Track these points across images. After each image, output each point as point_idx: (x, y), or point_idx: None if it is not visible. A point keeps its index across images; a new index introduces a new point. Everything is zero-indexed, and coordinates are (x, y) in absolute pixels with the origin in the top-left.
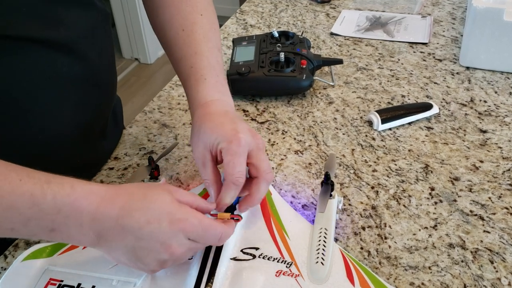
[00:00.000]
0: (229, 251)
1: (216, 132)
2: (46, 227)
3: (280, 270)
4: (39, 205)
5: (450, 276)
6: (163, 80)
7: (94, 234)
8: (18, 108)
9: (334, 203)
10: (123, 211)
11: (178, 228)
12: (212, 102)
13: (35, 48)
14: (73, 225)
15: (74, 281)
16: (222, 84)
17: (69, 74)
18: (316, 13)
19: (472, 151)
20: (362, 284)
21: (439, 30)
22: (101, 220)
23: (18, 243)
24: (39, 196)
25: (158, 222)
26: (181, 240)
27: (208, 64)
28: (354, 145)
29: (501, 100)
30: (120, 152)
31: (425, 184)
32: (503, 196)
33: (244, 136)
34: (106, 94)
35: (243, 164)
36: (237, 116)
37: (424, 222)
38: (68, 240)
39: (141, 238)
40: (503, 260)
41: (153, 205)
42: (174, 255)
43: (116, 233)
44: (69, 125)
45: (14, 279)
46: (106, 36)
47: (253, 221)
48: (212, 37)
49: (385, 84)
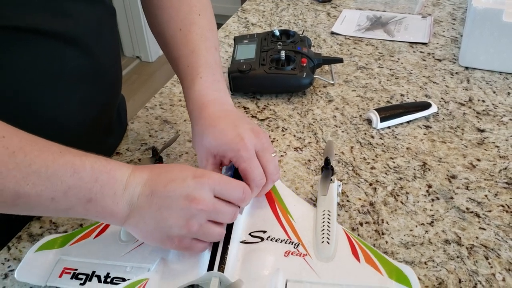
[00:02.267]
0: (238, 235)
1: (220, 140)
2: (83, 197)
3: (288, 250)
4: (79, 173)
5: (445, 271)
6: (164, 78)
7: (127, 202)
8: (25, 100)
9: (335, 187)
10: (150, 176)
11: (202, 180)
12: (210, 103)
13: (43, 40)
14: (108, 194)
15: (88, 269)
16: (219, 82)
17: (76, 69)
18: (317, 12)
19: (469, 149)
20: (367, 260)
21: (439, 30)
22: (131, 186)
23: (21, 235)
24: (79, 165)
25: (182, 178)
26: (205, 193)
27: (205, 63)
28: (353, 142)
29: (499, 100)
30: (122, 147)
31: (423, 182)
32: (499, 194)
33: (250, 140)
34: (111, 90)
35: (259, 166)
36: (237, 116)
37: (421, 219)
38: (103, 212)
39: (166, 195)
40: (498, 256)
41: (176, 168)
42: (199, 209)
43: (144, 199)
44: (75, 120)
45: (29, 270)
46: (112, 32)
47: (259, 207)
48: (210, 36)
49: (384, 83)
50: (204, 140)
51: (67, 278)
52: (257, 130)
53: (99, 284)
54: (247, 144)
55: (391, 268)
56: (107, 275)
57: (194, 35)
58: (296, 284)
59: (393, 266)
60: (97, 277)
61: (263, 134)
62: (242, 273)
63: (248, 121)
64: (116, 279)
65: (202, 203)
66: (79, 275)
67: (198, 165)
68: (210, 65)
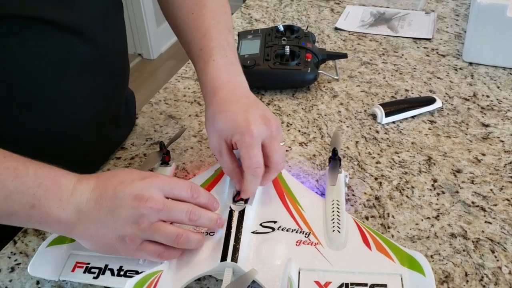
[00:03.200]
0: (249, 225)
1: (229, 123)
2: (26, 203)
3: (299, 239)
4: (21, 178)
5: (451, 265)
6: (165, 75)
7: (74, 208)
8: (30, 90)
9: (342, 177)
10: (97, 183)
11: (149, 181)
12: (223, 86)
13: (48, 29)
14: (52, 199)
15: (100, 263)
16: (232, 63)
17: (81, 59)
18: (321, 8)
19: (474, 144)
20: (378, 248)
21: (442, 26)
22: (78, 193)
23: (27, 229)
24: (21, 170)
25: (130, 180)
26: (154, 192)
27: (218, 45)
28: (358, 137)
29: (504, 95)
30: (127, 142)
31: (428, 176)
32: (504, 188)
33: (257, 127)
34: (118, 82)
35: (258, 155)
36: (249, 101)
37: (427, 213)
38: (47, 219)
39: (115, 196)
40: (504, 249)
41: (123, 172)
42: (149, 207)
43: (93, 204)
44: (81, 111)
45: (41, 264)
46: (119, 23)
47: (268, 198)
48: (222, 19)
49: (389, 79)
50: (215, 124)
51: (80, 272)
52: (268, 116)
53: (113, 277)
54: (252, 130)
55: (403, 255)
56: (120, 268)
57: (206, 18)
58: (309, 273)
59: (405, 253)
60: (110, 270)
61: (274, 121)
62: (255, 263)
63: (260, 107)
64: (129, 272)
65: (151, 201)
66: (91, 269)
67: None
68: (223, 47)
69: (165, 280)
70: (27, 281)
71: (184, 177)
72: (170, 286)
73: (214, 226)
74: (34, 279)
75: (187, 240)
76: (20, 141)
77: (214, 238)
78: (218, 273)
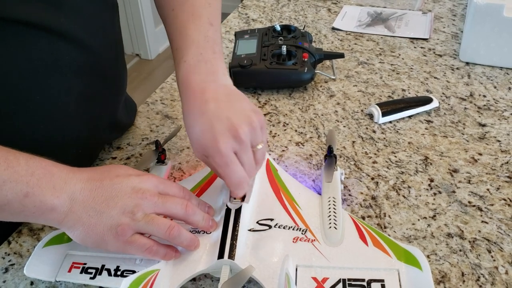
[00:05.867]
0: (246, 223)
1: (198, 143)
2: (20, 191)
3: (296, 236)
4: (14, 167)
5: (448, 265)
6: (163, 75)
7: (68, 196)
8: (20, 94)
9: (338, 175)
10: (92, 174)
11: (145, 177)
12: (193, 92)
13: (34, 33)
14: (46, 187)
15: (97, 263)
16: (207, 61)
17: (71, 63)
18: (318, 8)
19: (471, 144)
20: (375, 243)
21: (439, 26)
22: (73, 181)
23: (22, 230)
24: (12, 160)
25: (127, 174)
26: (150, 186)
27: (191, 43)
28: (354, 137)
29: (500, 95)
30: (123, 142)
31: (425, 176)
32: (501, 188)
33: (224, 145)
34: (113, 87)
35: (235, 170)
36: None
37: (423, 213)
38: (41, 207)
39: (113, 187)
40: (500, 249)
41: (118, 167)
42: (145, 197)
43: (87, 193)
44: (74, 116)
45: (37, 265)
46: (113, 27)
47: (264, 196)
48: (204, 12)
49: (385, 78)
50: (189, 139)
51: (77, 272)
52: (237, 124)
53: (109, 277)
54: (221, 149)
55: (399, 250)
56: (117, 268)
57: (184, 14)
58: (306, 269)
59: (401, 249)
60: (107, 270)
61: (242, 131)
62: (252, 260)
63: (226, 115)
64: (126, 272)
65: (147, 193)
66: (88, 269)
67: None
68: (198, 44)
69: (162, 278)
70: (21, 282)
71: (180, 177)
72: (167, 285)
73: (207, 225)
74: (28, 280)
75: (178, 234)
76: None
77: (211, 237)
78: (215, 271)
